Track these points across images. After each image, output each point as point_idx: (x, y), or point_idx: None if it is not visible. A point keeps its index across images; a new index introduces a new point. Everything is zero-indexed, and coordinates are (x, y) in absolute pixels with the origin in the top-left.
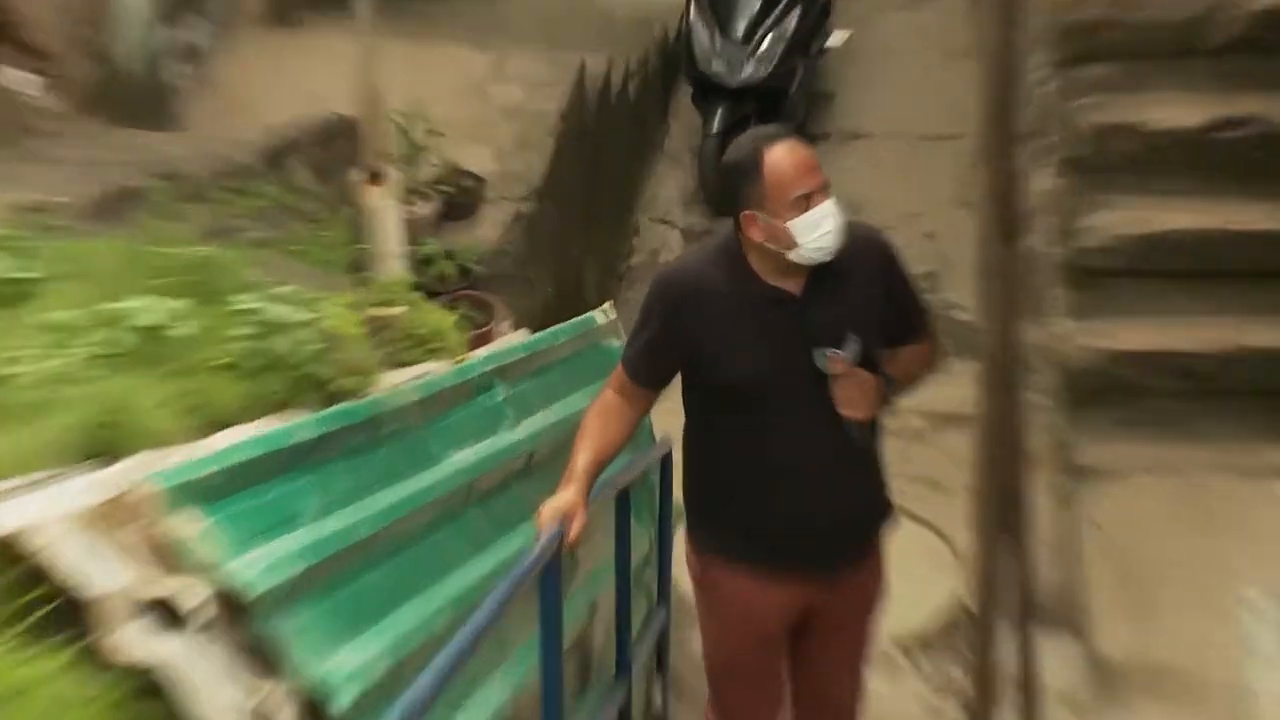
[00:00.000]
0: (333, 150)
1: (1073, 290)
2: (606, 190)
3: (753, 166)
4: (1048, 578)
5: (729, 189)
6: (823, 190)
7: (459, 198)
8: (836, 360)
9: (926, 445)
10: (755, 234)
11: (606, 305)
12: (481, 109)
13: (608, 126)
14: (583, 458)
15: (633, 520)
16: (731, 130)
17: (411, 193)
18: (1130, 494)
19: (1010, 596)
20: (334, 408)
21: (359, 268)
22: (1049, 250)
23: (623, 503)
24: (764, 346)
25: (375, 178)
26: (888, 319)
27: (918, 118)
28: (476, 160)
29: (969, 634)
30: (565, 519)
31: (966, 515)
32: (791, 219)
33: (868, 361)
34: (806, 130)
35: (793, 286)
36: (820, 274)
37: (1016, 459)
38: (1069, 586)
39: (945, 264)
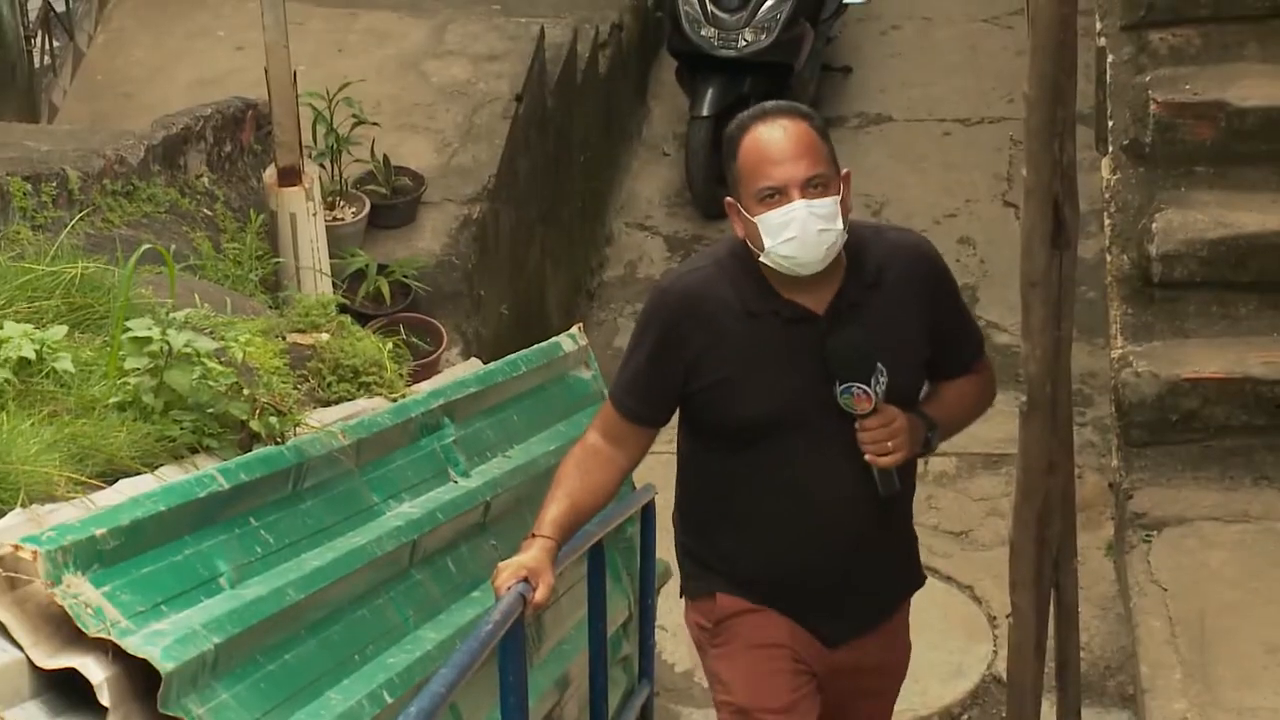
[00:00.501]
0: (238, 144)
1: (1133, 306)
2: (573, 189)
3: (733, 145)
4: (1096, 644)
5: (723, 171)
6: (807, 186)
7: (394, 200)
8: (863, 397)
9: (956, 491)
10: (737, 227)
11: (575, 328)
12: (419, 90)
13: (573, 110)
14: (554, 508)
15: (609, 581)
16: (726, 114)
17: (336, 194)
18: (1196, 546)
19: (1053, 666)
20: (251, 454)
21: (275, 286)
22: (1106, 257)
23: (596, 560)
24: (779, 376)
25: (291, 177)
26: (930, 348)
27: (952, 98)
28: (414, 154)
29: (1005, 710)
30: (529, 579)
31: (1003, 573)
32: (760, 214)
33: (903, 397)
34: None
35: (813, 302)
36: (848, 288)
37: (1062, 506)
38: (1121, 654)
39: (983, 275)
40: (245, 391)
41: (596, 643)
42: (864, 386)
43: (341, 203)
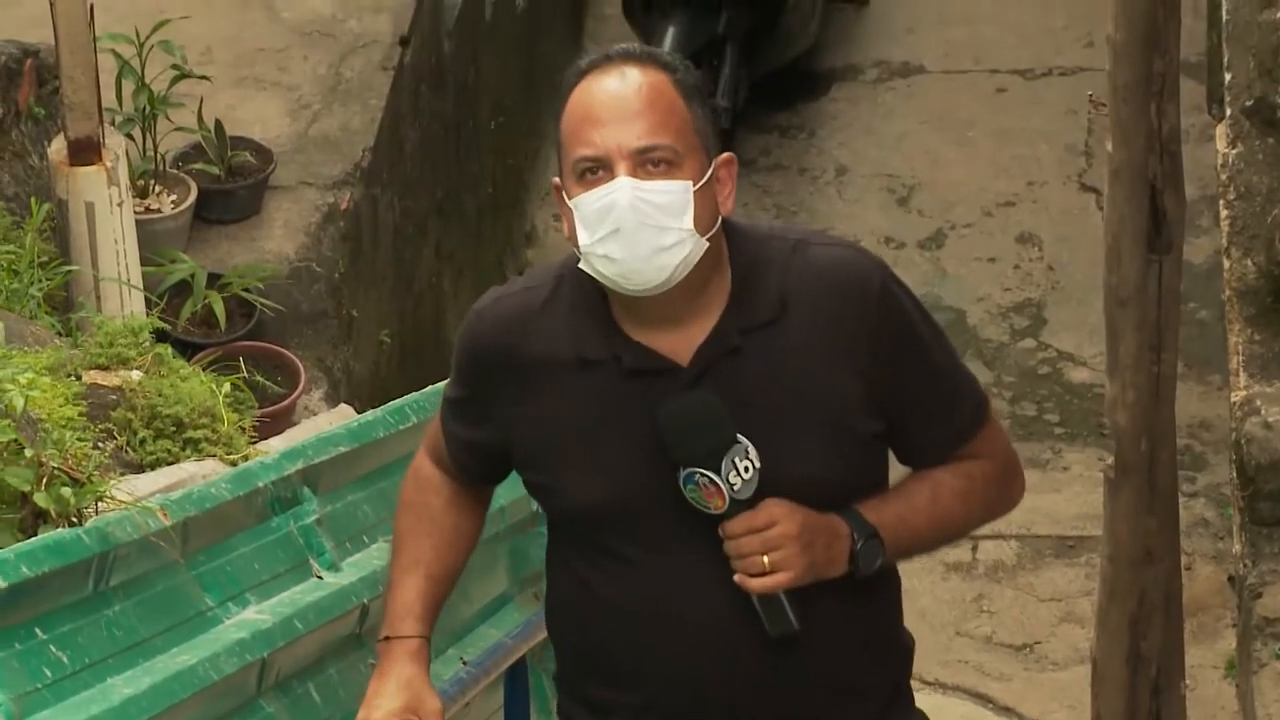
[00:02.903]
0: (10, 107)
1: (1261, 330)
2: (481, 168)
3: (561, 100)
4: None
5: None
6: (641, 159)
7: (231, 184)
8: (711, 490)
9: (1017, 588)
10: (565, 225)
11: None
12: (265, 30)
13: (480, 59)
14: (407, 589)
15: (534, 715)
16: (693, 62)
17: (150, 177)
18: None
19: None
20: (36, 539)
21: (65, 305)
22: (1224, 263)
23: (516, 688)
24: (619, 451)
25: (87, 152)
26: (878, 419)
27: (1008, 40)
28: (259, 119)
29: None
30: None
31: (1082, 702)
32: (576, 195)
33: (813, 494)
34: (814, 64)
35: (674, 347)
36: (728, 327)
37: (1165, 609)
38: None
39: (1051, 286)
40: (27, 452)
41: None
42: (710, 475)
43: (158, 188)
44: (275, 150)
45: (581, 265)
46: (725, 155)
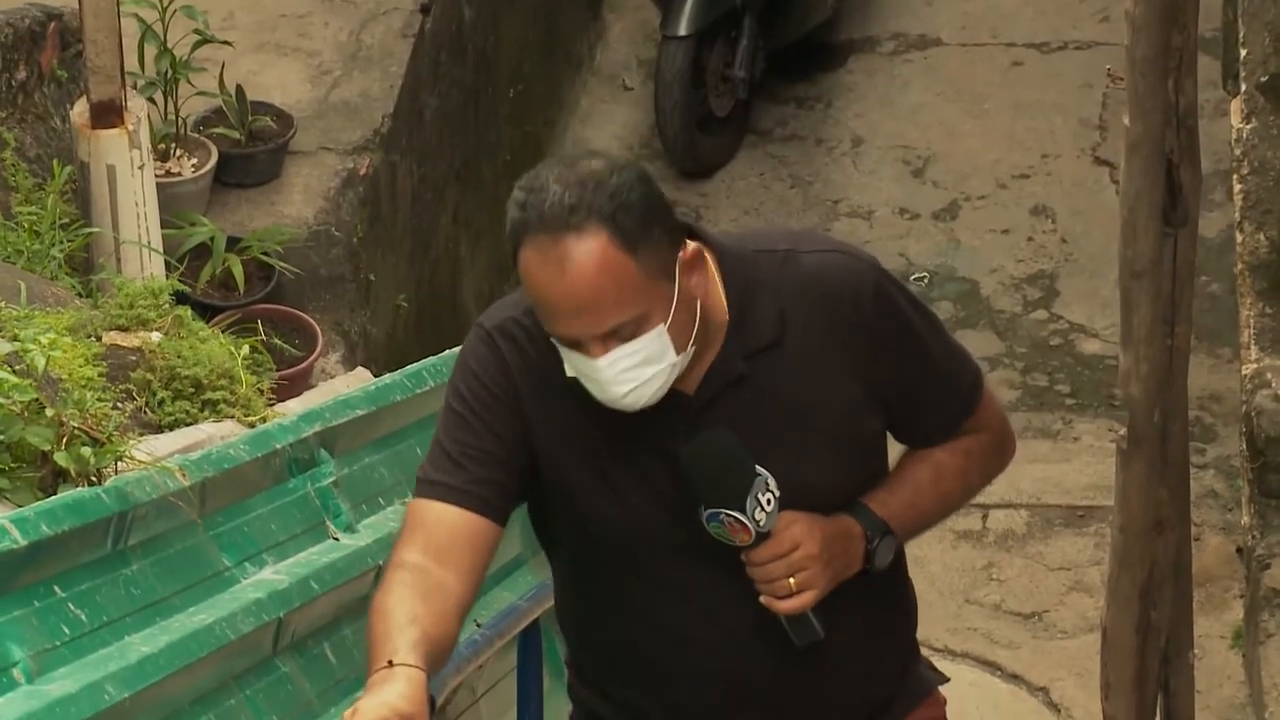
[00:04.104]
0: (34, 69)
1: (1274, 303)
2: (499, 135)
3: (511, 245)
4: None
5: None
6: (610, 338)
7: (251, 148)
8: (737, 528)
9: (1026, 557)
10: None
11: None
12: None
13: (500, 26)
14: (405, 635)
15: (547, 678)
16: (710, 33)
17: (171, 140)
18: None
19: None
20: (56, 498)
21: (86, 266)
22: (1237, 237)
23: (529, 649)
24: (633, 482)
25: (109, 115)
26: (881, 415)
27: (1025, 14)
28: (280, 84)
29: None
30: None
31: (1091, 670)
32: (558, 341)
33: (826, 500)
34: (831, 36)
35: (683, 377)
36: (732, 352)
37: (1175, 579)
38: None
39: (1065, 258)
40: (48, 412)
41: None
42: (735, 515)
43: (179, 152)
44: (295, 115)
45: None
46: (687, 253)
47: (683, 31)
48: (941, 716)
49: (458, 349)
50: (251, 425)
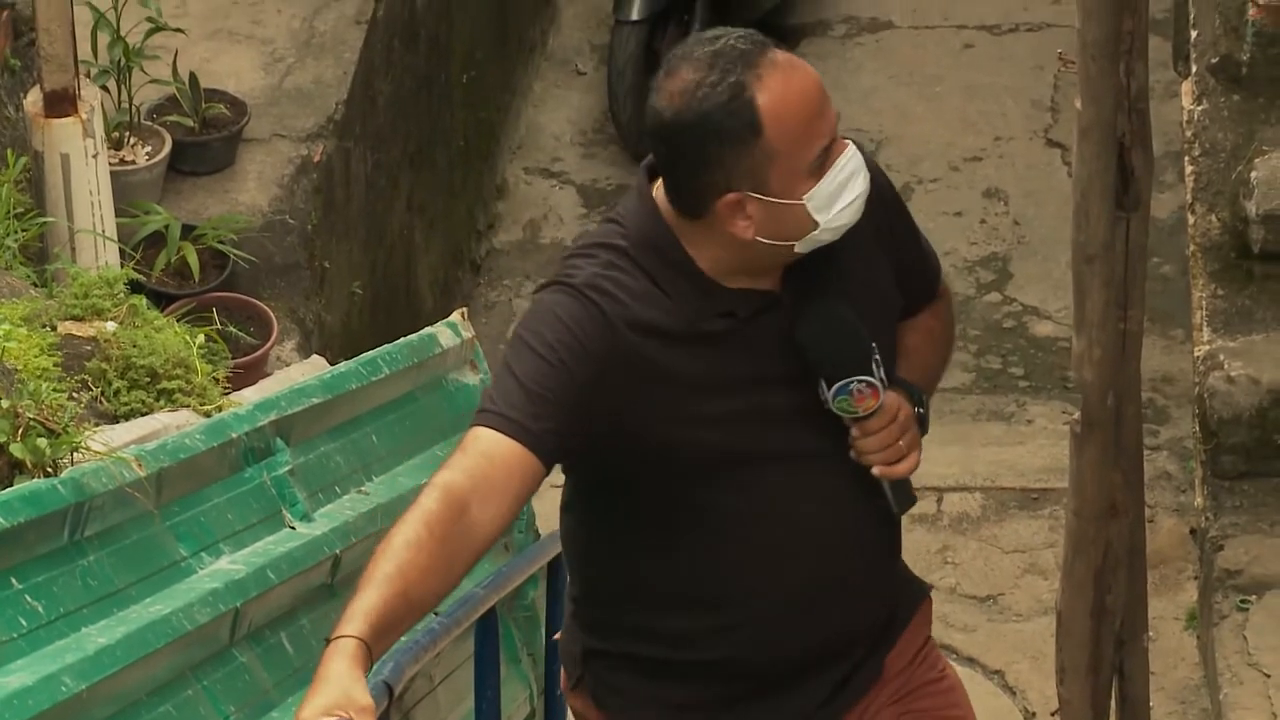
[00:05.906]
0: None
1: (1225, 285)
2: (453, 122)
3: (741, 118)
4: None
5: (695, 160)
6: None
7: (205, 136)
8: (867, 393)
9: (981, 540)
10: (740, 226)
11: (456, 315)
12: None
13: (453, 12)
14: (372, 594)
15: (504, 665)
16: (663, 17)
17: (125, 129)
18: None
19: None
20: (12, 489)
21: (41, 256)
22: (1188, 218)
23: (486, 636)
24: (745, 396)
25: (62, 104)
26: (895, 289)
27: None
28: (233, 72)
29: None
30: None
31: (1046, 653)
32: (809, 189)
33: (887, 373)
34: (784, 19)
35: (766, 280)
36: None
37: (1129, 562)
38: None
39: (1017, 241)
40: (3, 403)
41: None
42: (866, 379)
43: (133, 140)
44: (249, 103)
45: (800, 247)
46: None
47: (635, 16)
48: (929, 635)
49: (413, 335)
50: (207, 414)
